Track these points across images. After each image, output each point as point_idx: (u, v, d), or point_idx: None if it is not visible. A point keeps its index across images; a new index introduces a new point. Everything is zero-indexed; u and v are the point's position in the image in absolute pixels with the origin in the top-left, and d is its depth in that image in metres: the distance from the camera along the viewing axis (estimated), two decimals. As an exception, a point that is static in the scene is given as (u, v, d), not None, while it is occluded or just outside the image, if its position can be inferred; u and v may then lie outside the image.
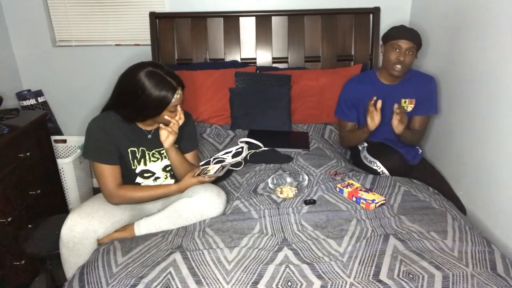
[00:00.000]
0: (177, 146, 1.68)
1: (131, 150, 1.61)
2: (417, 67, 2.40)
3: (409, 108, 2.07)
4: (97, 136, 1.55)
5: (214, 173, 1.61)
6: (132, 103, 1.51)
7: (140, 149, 1.63)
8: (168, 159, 1.67)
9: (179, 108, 1.58)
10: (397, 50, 1.93)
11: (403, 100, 2.06)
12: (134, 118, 1.59)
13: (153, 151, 1.66)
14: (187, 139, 1.73)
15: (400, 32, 1.93)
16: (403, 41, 1.91)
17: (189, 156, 1.75)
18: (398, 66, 1.94)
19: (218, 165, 1.64)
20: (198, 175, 1.61)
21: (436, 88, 2.09)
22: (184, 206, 1.54)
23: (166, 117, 1.56)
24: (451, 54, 2.04)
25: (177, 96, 1.53)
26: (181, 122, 1.62)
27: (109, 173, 1.56)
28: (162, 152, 1.68)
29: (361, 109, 2.10)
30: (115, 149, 1.58)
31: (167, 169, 1.71)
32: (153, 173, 1.68)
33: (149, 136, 1.65)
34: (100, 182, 1.58)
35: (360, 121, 2.13)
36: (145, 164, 1.65)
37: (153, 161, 1.67)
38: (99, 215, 1.50)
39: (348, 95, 2.11)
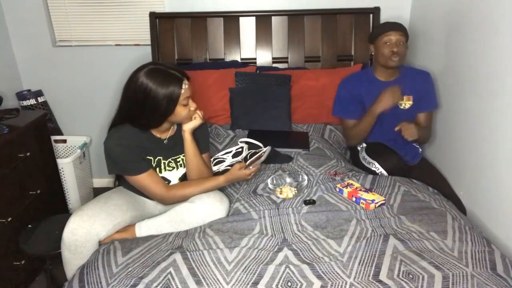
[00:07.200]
0: None
1: (147, 159, 1.59)
2: (417, 66, 2.40)
3: (407, 105, 2.07)
4: (119, 153, 1.51)
5: (257, 160, 1.62)
6: (143, 109, 1.48)
7: (156, 159, 1.61)
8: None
9: (191, 101, 1.55)
10: (388, 43, 1.95)
11: None
12: (152, 125, 1.56)
13: (169, 160, 1.65)
14: (200, 140, 1.69)
15: (386, 26, 1.98)
16: (392, 32, 1.94)
17: None
18: (395, 58, 1.94)
19: (261, 151, 1.65)
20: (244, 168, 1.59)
21: (433, 83, 2.09)
22: (186, 212, 1.54)
23: (182, 113, 1.52)
24: (450, 53, 2.04)
25: (185, 86, 1.50)
26: (200, 112, 1.59)
27: (150, 180, 1.55)
28: (178, 160, 1.67)
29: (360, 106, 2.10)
30: (140, 156, 1.56)
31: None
32: (169, 181, 1.66)
33: (165, 141, 1.64)
34: (147, 191, 1.58)
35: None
36: (160, 171, 1.63)
37: (169, 170, 1.65)
38: (101, 218, 1.48)
39: (349, 92, 2.10)
